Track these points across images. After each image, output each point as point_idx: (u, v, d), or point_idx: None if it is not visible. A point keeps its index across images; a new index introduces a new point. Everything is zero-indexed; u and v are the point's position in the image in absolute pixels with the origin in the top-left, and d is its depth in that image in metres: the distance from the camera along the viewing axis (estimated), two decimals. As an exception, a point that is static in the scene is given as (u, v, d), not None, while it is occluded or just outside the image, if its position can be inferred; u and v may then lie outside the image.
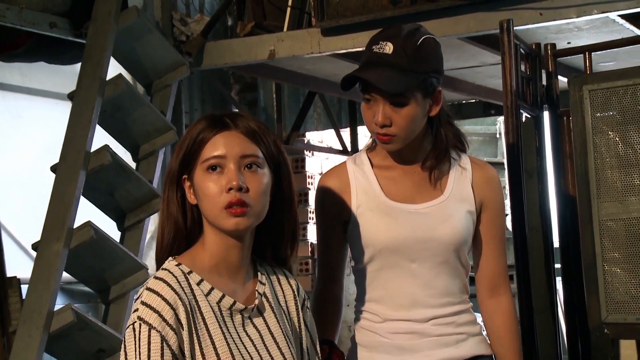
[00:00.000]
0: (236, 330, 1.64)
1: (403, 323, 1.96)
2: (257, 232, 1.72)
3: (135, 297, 1.65)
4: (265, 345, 1.66)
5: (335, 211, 2.02)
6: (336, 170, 2.06)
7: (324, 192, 2.04)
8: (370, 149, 2.07)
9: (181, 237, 1.67)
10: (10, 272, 3.44)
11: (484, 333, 2.07)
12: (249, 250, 1.71)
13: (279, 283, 1.77)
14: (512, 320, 2.06)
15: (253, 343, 1.65)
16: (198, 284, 1.63)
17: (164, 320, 1.56)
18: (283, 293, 1.77)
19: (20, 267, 3.73)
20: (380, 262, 1.98)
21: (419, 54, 1.92)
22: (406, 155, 2.01)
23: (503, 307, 2.05)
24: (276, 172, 1.71)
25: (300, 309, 1.78)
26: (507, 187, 2.90)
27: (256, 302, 1.68)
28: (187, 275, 1.63)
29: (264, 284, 1.72)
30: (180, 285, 1.60)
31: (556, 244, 3.11)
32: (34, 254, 3.27)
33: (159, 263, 1.68)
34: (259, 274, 1.73)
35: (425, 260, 1.96)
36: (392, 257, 1.96)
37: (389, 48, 1.91)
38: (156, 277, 1.61)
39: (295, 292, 1.78)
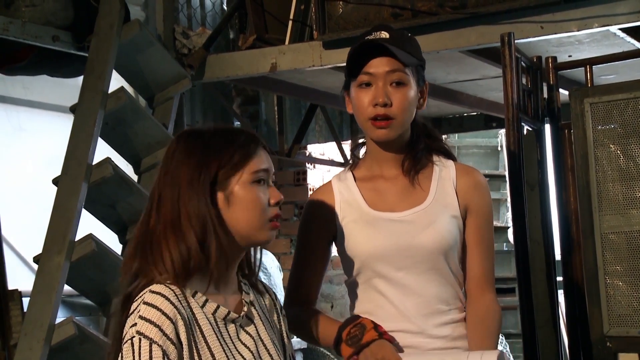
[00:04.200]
0: (232, 341, 1.65)
1: (393, 335, 1.94)
2: None
3: (130, 311, 1.61)
4: (259, 353, 1.67)
5: (320, 227, 2.02)
6: (321, 189, 2.08)
7: (308, 210, 2.05)
8: (353, 166, 2.09)
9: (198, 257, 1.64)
10: (11, 285, 3.44)
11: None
12: None
13: (259, 291, 1.79)
14: (494, 310, 2.01)
15: (250, 351, 1.66)
16: (193, 296, 1.63)
17: (165, 334, 1.55)
18: (264, 301, 1.79)
19: (21, 279, 3.73)
20: (367, 273, 1.98)
21: (412, 42, 2.02)
22: (390, 159, 2.02)
23: (487, 299, 2.02)
24: None
25: (281, 316, 1.81)
26: (509, 200, 2.90)
27: (245, 309, 1.70)
28: (182, 288, 1.63)
29: (248, 293, 1.74)
30: (178, 298, 1.60)
31: (558, 256, 3.11)
32: (36, 266, 3.27)
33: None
34: (241, 284, 1.75)
35: (411, 269, 1.96)
36: (378, 268, 1.96)
37: (384, 35, 1.98)
38: (152, 291, 1.59)
39: (274, 300, 1.81)
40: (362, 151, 2.12)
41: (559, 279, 3.08)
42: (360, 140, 2.12)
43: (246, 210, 1.65)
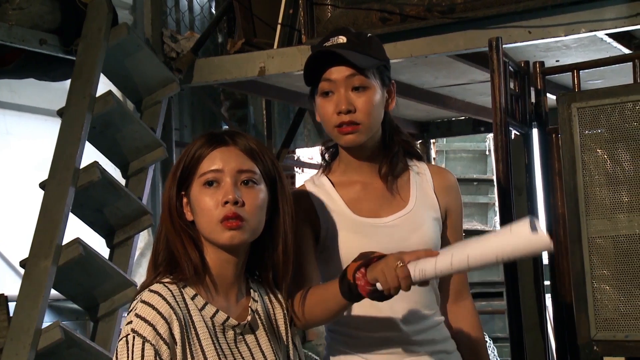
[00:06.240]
0: (228, 346, 1.65)
1: (383, 342, 1.94)
2: (252, 249, 1.72)
3: (128, 309, 1.64)
4: None
5: (305, 226, 1.94)
6: (297, 193, 1.99)
7: None
8: (325, 169, 2.04)
9: (175, 261, 1.67)
10: (-3, 290, 3.42)
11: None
12: (243, 266, 1.72)
13: (270, 301, 1.77)
14: (477, 321, 2.10)
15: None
16: (192, 298, 1.64)
17: (158, 334, 1.56)
18: (274, 311, 1.77)
19: (8, 284, 3.71)
20: None
21: (371, 43, 1.97)
22: (364, 165, 1.98)
23: (468, 310, 2.09)
24: (273, 190, 1.72)
25: (289, 328, 1.78)
26: (497, 204, 2.91)
27: (249, 318, 1.69)
28: (182, 290, 1.63)
29: (256, 301, 1.73)
30: (175, 299, 1.61)
31: (545, 260, 3.12)
32: (22, 271, 3.25)
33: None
34: (251, 291, 1.74)
35: None
36: None
37: (342, 39, 1.93)
38: (151, 290, 1.61)
39: (285, 311, 1.78)
40: (328, 153, 2.07)
41: (547, 283, 3.09)
42: (331, 144, 2.06)
43: (199, 215, 1.66)
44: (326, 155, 2.06)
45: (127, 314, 1.61)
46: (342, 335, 1.97)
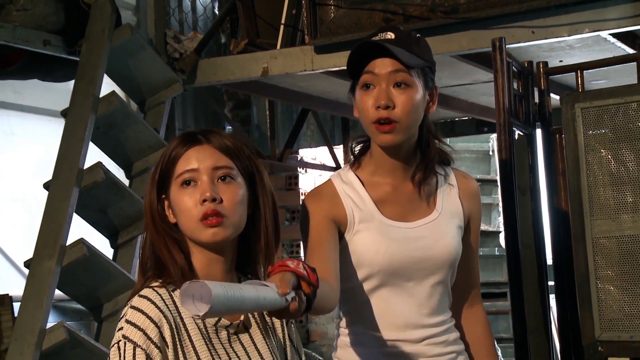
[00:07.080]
0: (223, 346, 1.64)
1: (395, 343, 1.94)
2: (239, 246, 1.72)
3: (120, 316, 1.63)
4: None
5: (328, 216, 1.92)
6: (323, 188, 1.98)
7: (313, 208, 1.94)
8: (354, 166, 2.00)
9: (162, 265, 1.67)
10: (2, 290, 3.43)
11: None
12: (232, 264, 1.71)
13: None
14: (488, 326, 2.13)
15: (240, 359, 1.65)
16: None
17: (149, 338, 1.56)
18: None
19: (12, 284, 3.72)
20: (374, 281, 1.94)
21: (419, 43, 1.96)
22: (397, 167, 1.96)
23: (480, 315, 2.11)
24: (253, 185, 1.71)
25: (285, 324, 1.78)
26: (501, 204, 2.90)
27: (242, 317, 1.69)
28: (172, 293, 1.63)
29: None
30: (165, 302, 1.61)
31: (549, 261, 3.11)
32: (27, 271, 3.26)
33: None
34: None
35: (421, 280, 1.95)
36: (389, 278, 1.93)
37: (390, 35, 1.91)
38: (140, 295, 1.61)
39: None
40: (358, 148, 2.04)
41: (551, 283, 3.08)
42: (362, 139, 2.02)
43: (180, 215, 1.65)
44: (356, 150, 2.03)
45: (119, 321, 1.60)
46: (355, 335, 1.97)
